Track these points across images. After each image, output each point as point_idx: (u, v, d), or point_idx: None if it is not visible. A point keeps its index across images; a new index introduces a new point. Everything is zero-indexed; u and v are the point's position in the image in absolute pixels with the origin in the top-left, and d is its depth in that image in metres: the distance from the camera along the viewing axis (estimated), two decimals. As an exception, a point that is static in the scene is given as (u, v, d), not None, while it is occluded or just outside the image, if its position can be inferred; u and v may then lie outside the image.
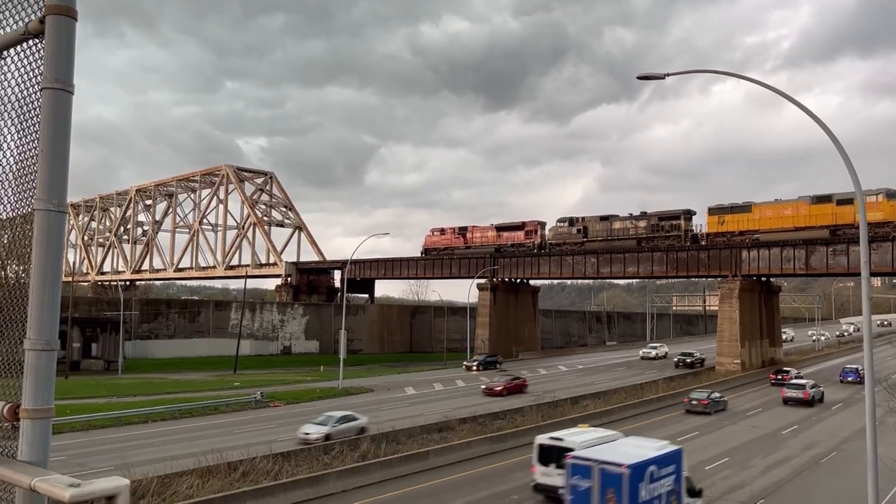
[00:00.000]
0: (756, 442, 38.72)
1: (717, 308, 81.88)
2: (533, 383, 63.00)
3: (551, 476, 25.98)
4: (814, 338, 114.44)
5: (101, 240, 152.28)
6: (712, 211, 73.15)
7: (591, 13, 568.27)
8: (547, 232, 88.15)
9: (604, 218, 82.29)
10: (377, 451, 31.44)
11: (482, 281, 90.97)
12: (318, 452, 30.59)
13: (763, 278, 74.48)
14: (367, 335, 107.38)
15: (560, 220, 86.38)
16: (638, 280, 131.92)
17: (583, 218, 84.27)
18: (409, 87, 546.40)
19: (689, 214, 76.49)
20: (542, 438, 27.68)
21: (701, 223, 75.10)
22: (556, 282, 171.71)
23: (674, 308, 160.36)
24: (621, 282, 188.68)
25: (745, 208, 70.86)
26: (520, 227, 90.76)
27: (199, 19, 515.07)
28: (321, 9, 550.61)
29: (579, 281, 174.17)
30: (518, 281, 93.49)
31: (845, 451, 36.33)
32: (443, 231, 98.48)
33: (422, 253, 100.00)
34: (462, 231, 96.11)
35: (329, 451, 30.94)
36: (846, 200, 62.87)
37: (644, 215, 79.44)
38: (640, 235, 78.17)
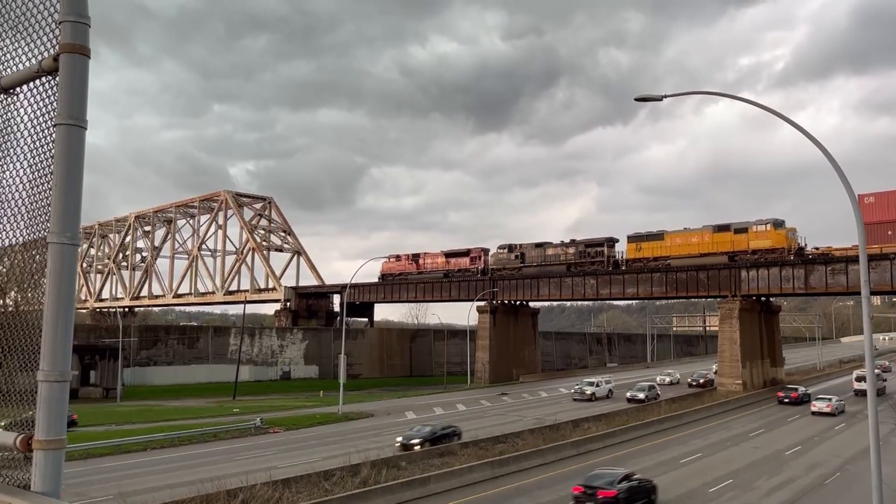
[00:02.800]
0: (759, 463, 38.48)
1: (717, 328, 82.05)
2: (535, 406, 62.75)
3: (862, 386, 60.98)
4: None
5: (99, 266, 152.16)
6: (631, 238, 78.76)
7: (584, 36, 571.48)
8: (490, 258, 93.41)
9: (538, 245, 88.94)
10: (378, 477, 31.19)
11: (482, 303, 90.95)
12: (318, 479, 30.36)
13: (762, 298, 74.51)
14: (367, 359, 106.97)
15: (500, 247, 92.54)
16: (637, 301, 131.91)
17: (520, 245, 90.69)
18: (399, 108, 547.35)
19: (611, 242, 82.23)
20: (858, 372, 64.93)
21: (623, 249, 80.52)
22: (555, 303, 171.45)
23: (674, 329, 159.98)
24: (621, 303, 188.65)
25: (659, 236, 76.69)
26: (465, 253, 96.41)
27: (183, 41, 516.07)
28: (307, 29, 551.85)
29: (579, 302, 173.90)
30: (517, 303, 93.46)
31: (849, 472, 36.11)
32: (398, 258, 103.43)
33: (379, 278, 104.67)
34: (415, 257, 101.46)
35: (329, 478, 30.70)
36: (741, 229, 70.14)
37: (573, 242, 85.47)
38: (569, 261, 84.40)
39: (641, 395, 62.47)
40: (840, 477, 35.18)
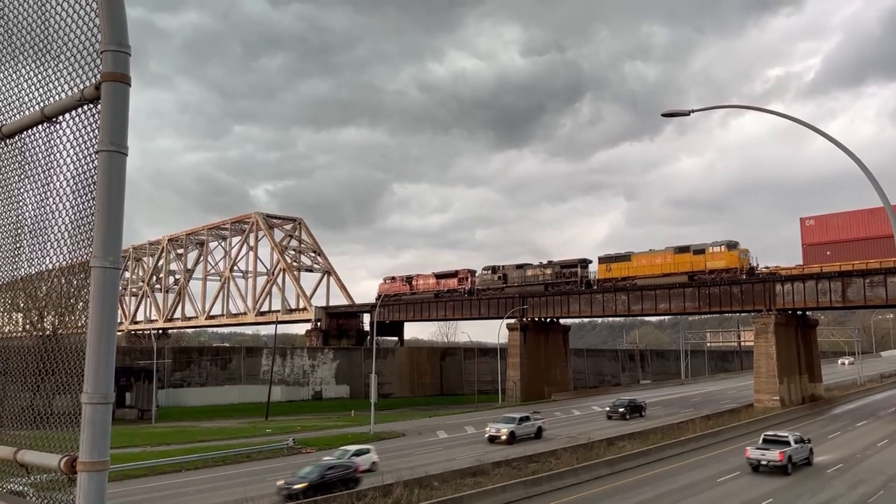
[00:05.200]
0: (800, 481, 37.57)
1: (752, 344, 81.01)
2: (567, 425, 62.13)
3: None
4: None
5: (134, 290, 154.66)
6: (601, 260, 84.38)
7: (608, 49, 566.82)
8: (476, 278, 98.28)
9: (519, 266, 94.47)
10: (410, 497, 31.06)
11: (511, 321, 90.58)
12: (350, 499, 30.32)
13: (799, 312, 73.13)
14: (397, 378, 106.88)
15: (485, 269, 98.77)
16: (670, 317, 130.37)
17: (503, 266, 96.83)
18: (420, 124, 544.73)
19: (584, 263, 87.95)
20: None
21: (595, 270, 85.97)
22: (586, 320, 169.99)
23: (708, 344, 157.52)
24: (653, 319, 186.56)
25: (626, 258, 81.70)
26: (454, 275, 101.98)
27: (201, 62, 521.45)
28: (324, 47, 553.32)
29: (610, 319, 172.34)
30: (548, 320, 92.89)
31: (894, 489, 35.08)
32: (393, 279, 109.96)
33: (377, 299, 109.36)
34: (409, 279, 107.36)
35: (362, 498, 30.65)
36: (700, 251, 75.33)
37: (550, 264, 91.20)
38: (546, 281, 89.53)
39: None
40: (884, 495, 34.19)
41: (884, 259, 63.47)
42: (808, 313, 75.92)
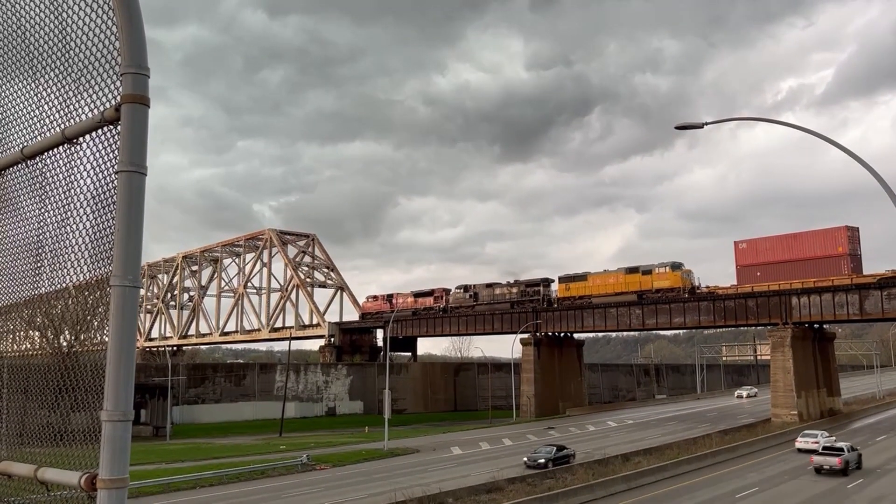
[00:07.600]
0: (820, 497, 37.03)
1: (768, 357, 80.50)
2: (582, 440, 61.67)
3: None
4: None
5: (148, 307, 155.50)
6: (561, 279, 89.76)
7: (616, 62, 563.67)
8: (450, 297, 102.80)
9: (489, 285, 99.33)
10: (425, 514, 30.90)
11: (525, 336, 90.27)
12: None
13: (815, 325, 72.40)
14: (411, 394, 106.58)
15: (458, 287, 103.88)
16: (685, 331, 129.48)
17: (474, 285, 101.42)
18: (426, 138, 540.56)
19: (547, 282, 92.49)
20: None
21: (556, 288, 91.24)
22: (600, 335, 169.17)
23: (724, 358, 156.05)
24: (668, 333, 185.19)
25: (583, 277, 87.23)
26: (430, 293, 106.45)
27: (205, 76, 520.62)
28: (326, 61, 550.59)
29: (624, 333, 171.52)
30: (561, 335, 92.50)
31: (917, 506, 34.51)
32: (375, 298, 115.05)
33: (360, 317, 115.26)
34: (389, 297, 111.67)
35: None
36: (648, 271, 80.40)
37: (516, 283, 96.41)
38: (512, 299, 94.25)
39: None
40: (907, 511, 33.67)
41: (804, 279, 67.02)
42: (825, 326, 75.16)
